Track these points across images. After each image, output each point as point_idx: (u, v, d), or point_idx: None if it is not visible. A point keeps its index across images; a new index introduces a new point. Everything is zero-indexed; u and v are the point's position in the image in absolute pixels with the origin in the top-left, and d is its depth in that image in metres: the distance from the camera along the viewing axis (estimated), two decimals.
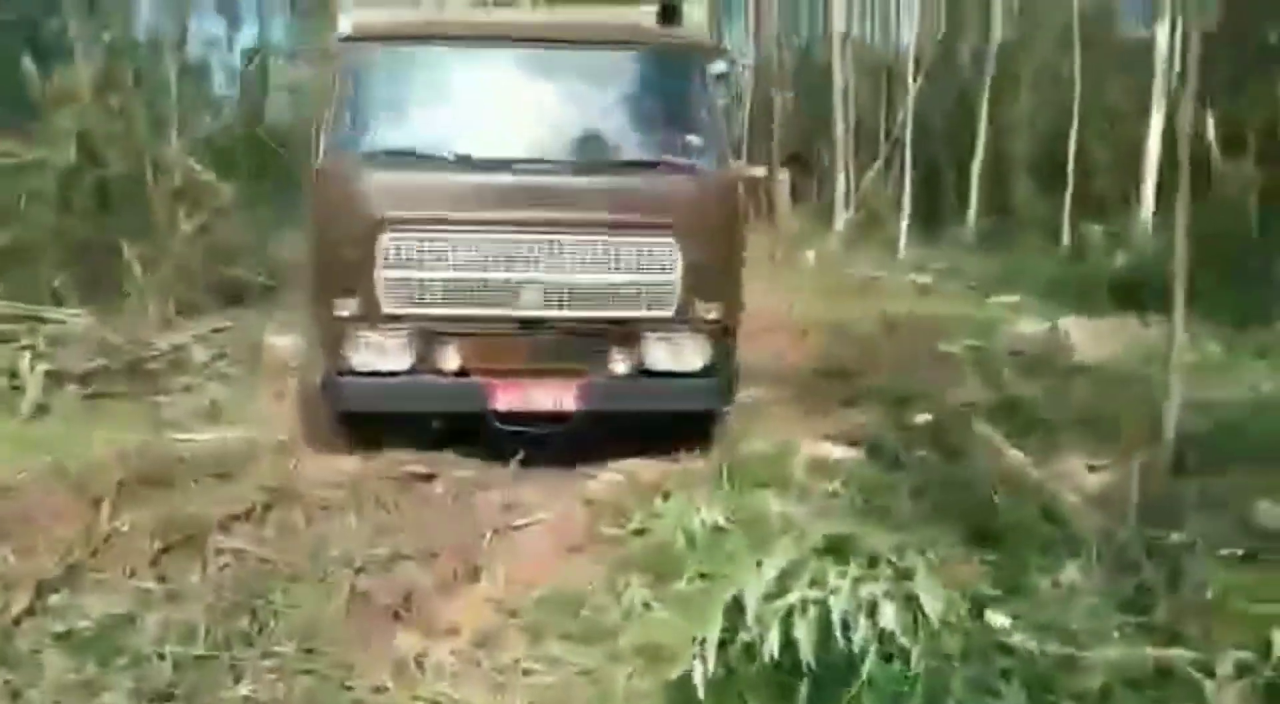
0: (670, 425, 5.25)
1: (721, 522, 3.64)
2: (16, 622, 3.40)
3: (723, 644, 2.23)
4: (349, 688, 3.05)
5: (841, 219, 23.36)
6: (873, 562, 2.37)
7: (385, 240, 4.80)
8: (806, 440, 5.67)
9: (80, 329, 8.64)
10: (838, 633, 2.13)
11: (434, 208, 4.87)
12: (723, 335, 5.17)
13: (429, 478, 4.84)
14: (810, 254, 20.51)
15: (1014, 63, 20.26)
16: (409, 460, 4.92)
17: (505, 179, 4.92)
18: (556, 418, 5.06)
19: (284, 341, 8.93)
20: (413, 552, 3.94)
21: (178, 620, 3.40)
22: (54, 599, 3.58)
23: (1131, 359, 8.11)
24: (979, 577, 2.86)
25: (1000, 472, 4.94)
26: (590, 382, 5.02)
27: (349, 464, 4.90)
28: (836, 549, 2.41)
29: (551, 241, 4.86)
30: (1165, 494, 3.98)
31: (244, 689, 3.02)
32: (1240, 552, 3.51)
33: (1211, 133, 15.71)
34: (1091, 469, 5.18)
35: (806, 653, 2.13)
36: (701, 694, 2.19)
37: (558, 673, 3.04)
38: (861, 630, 2.16)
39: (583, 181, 5.00)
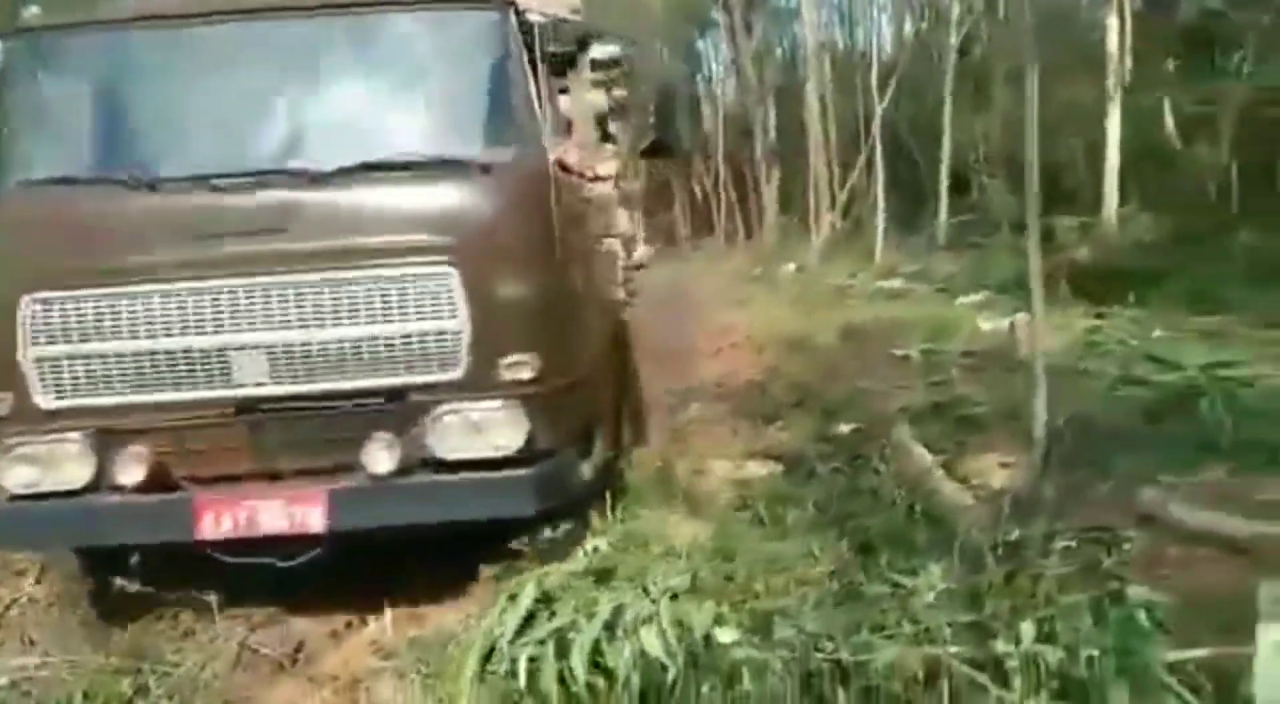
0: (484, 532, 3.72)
1: (605, 547, 3.63)
2: None
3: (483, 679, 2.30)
4: None
5: (823, 227, 23.56)
6: (643, 588, 2.42)
7: (29, 306, 3.49)
8: (727, 459, 5.75)
9: None
10: (577, 662, 2.17)
11: (97, 253, 3.54)
12: (554, 402, 3.68)
13: None
14: (790, 266, 20.67)
15: (978, 63, 20.45)
16: None
17: (203, 202, 3.52)
18: (303, 541, 3.56)
19: None
20: None
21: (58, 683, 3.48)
22: None
23: (1076, 352, 8.15)
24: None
25: (905, 476, 4.99)
26: (347, 487, 3.57)
27: None
28: (604, 576, 2.46)
29: (273, 286, 3.49)
30: (1040, 488, 4.01)
31: None
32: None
33: (1169, 120, 15.81)
34: (1003, 466, 5.23)
35: (547, 682, 2.19)
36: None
37: None
38: (626, 652, 2.23)
39: (318, 197, 3.53)
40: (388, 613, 3.88)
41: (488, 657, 2.30)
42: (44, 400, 3.54)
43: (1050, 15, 19.31)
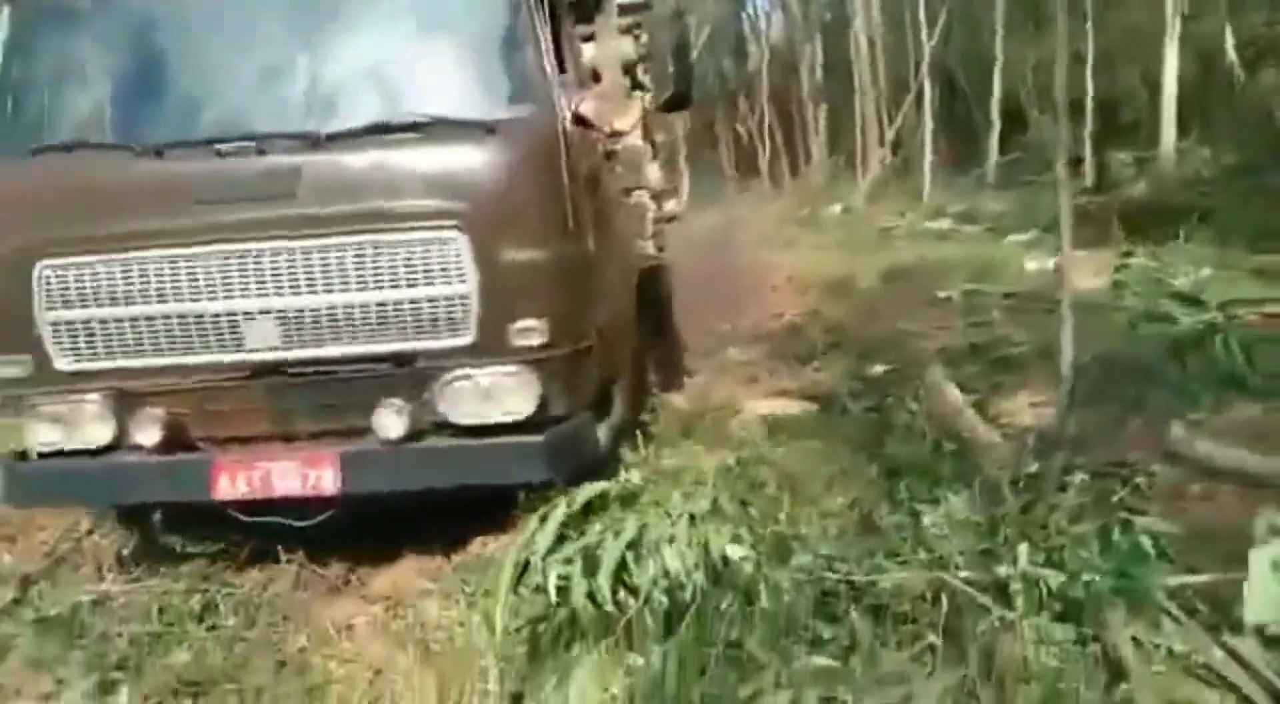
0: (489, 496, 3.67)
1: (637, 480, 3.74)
2: (2, 612, 3.83)
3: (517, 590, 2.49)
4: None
5: (870, 167, 23.21)
6: (665, 511, 2.56)
7: (44, 272, 3.55)
8: (760, 398, 5.88)
9: None
10: (603, 579, 2.34)
11: (108, 219, 3.56)
12: (566, 367, 3.66)
13: None
14: (836, 208, 20.49)
15: None
16: None
17: (210, 167, 3.52)
18: (317, 503, 3.64)
19: None
20: None
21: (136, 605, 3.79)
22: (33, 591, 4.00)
23: (1117, 291, 8.08)
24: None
25: (936, 414, 5.08)
26: (359, 450, 3.61)
27: None
28: (630, 499, 2.62)
29: (282, 252, 3.48)
30: (1064, 425, 4.08)
31: (184, 655, 3.38)
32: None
33: (1231, 49, 15.18)
34: (1034, 405, 5.29)
35: (576, 596, 2.37)
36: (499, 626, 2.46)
37: None
38: (650, 570, 2.40)
39: (323, 161, 3.50)
40: (434, 542, 4.11)
41: (522, 573, 2.48)
42: (62, 363, 3.62)
43: None
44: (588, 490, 2.90)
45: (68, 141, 3.69)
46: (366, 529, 3.90)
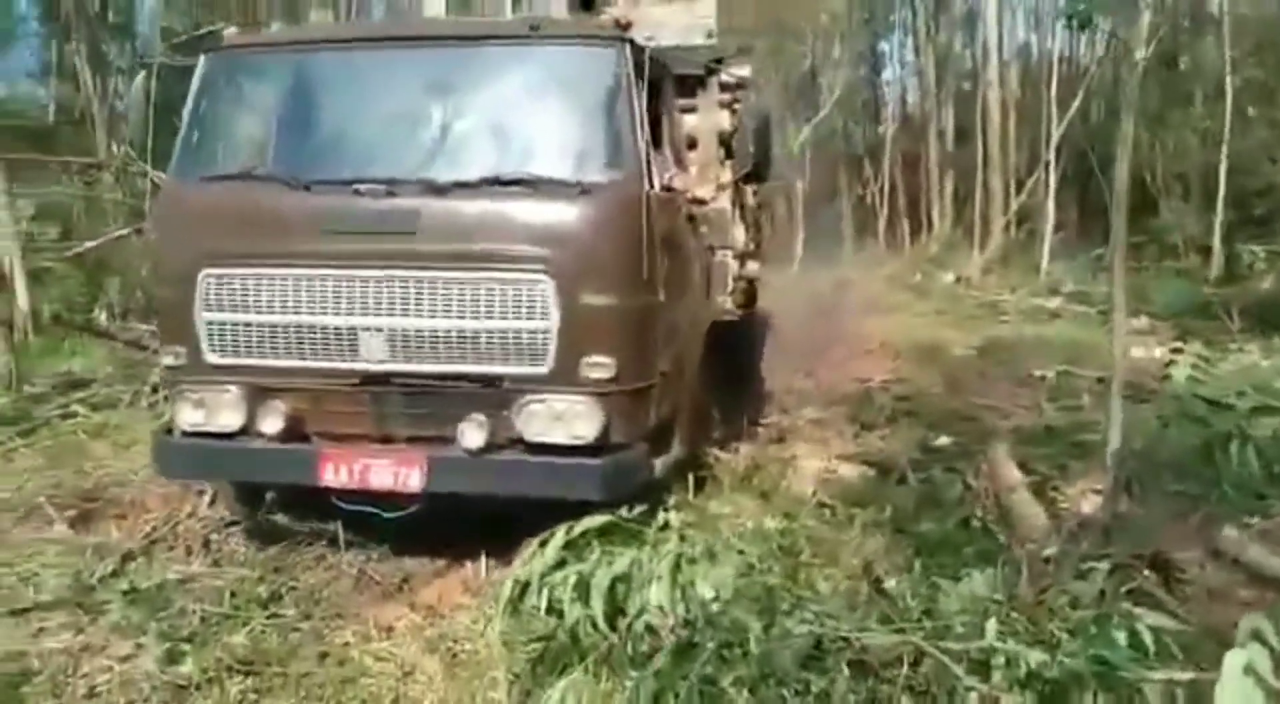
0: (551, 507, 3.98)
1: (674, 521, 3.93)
2: (101, 581, 4.31)
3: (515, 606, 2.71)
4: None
5: (991, 239, 22.80)
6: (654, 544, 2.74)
7: (205, 278, 4.20)
8: (821, 459, 5.98)
9: None
10: (595, 603, 2.54)
11: (260, 240, 4.20)
12: (629, 401, 4.14)
13: None
14: (949, 277, 20.20)
15: (1175, 77, 19.25)
16: None
17: (347, 204, 4.10)
18: (403, 497, 4.15)
19: None
20: None
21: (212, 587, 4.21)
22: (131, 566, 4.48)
23: (1223, 389, 7.81)
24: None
25: (991, 490, 5.10)
26: (443, 456, 4.10)
27: None
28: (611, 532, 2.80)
29: (397, 279, 4.05)
30: (1111, 515, 4.08)
31: (242, 637, 3.75)
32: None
33: None
34: (1096, 493, 5.23)
35: (568, 614, 2.57)
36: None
37: None
38: (637, 602, 2.58)
39: (440, 206, 4.08)
40: (482, 558, 4.40)
41: (523, 592, 2.72)
42: (211, 356, 4.25)
43: (1267, 31, 18.01)
44: (586, 522, 3.12)
45: (234, 172, 4.44)
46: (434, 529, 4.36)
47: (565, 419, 4.02)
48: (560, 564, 2.67)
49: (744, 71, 5.98)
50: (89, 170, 13.28)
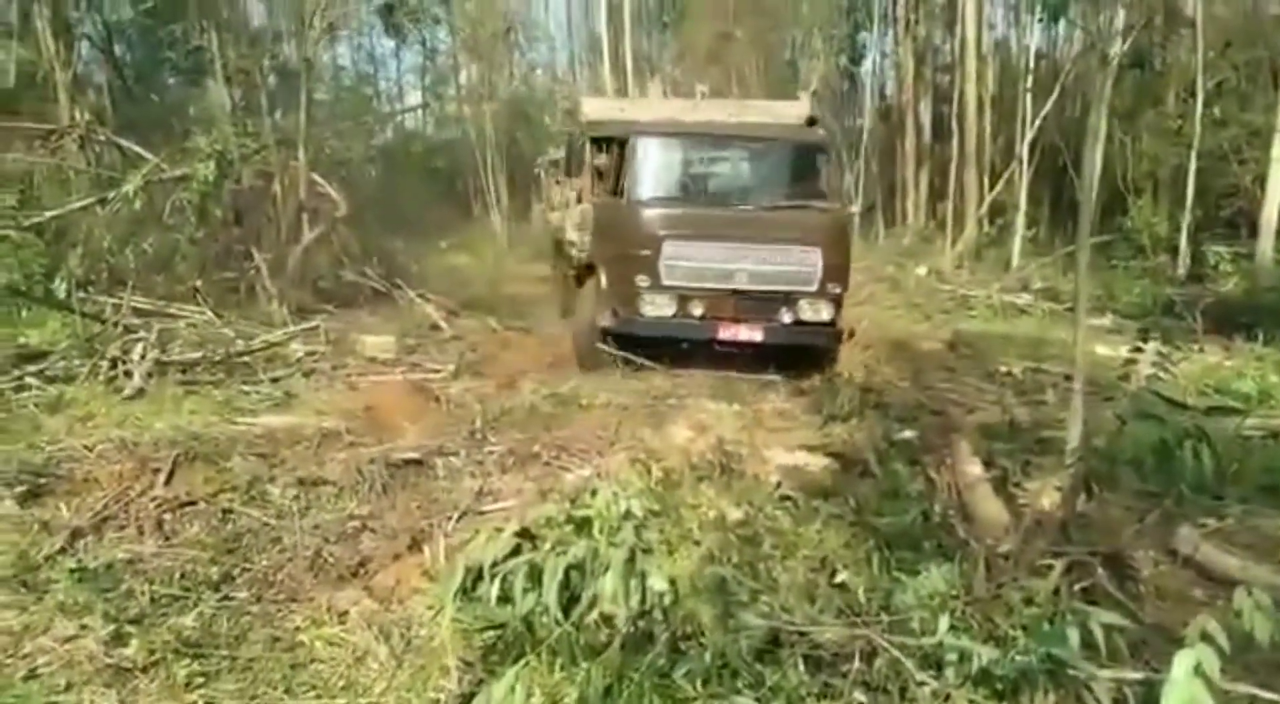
0: (809, 351, 8.92)
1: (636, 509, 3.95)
2: (47, 559, 4.20)
3: (466, 593, 2.69)
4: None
5: (964, 233, 22.91)
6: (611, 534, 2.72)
7: (666, 245, 8.52)
8: (786, 448, 5.98)
9: (199, 325, 9.91)
10: (549, 593, 2.52)
11: (690, 227, 8.63)
12: (839, 302, 8.84)
13: None
14: (921, 270, 20.29)
15: (1147, 78, 19.38)
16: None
17: (727, 213, 8.92)
18: (750, 344, 8.73)
19: (375, 340, 9.91)
20: None
21: (163, 567, 4.12)
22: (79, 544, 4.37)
23: (1183, 389, 7.89)
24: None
25: (953, 484, 5.12)
26: (770, 325, 8.64)
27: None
28: (583, 524, 2.79)
29: (751, 247, 8.59)
30: (1069, 512, 4.09)
31: (191, 619, 3.68)
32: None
33: None
34: (1057, 489, 5.26)
35: (520, 603, 2.55)
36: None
37: None
38: (591, 591, 2.55)
39: (767, 215, 8.87)
40: (441, 542, 4.36)
41: (476, 580, 2.69)
42: (665, 280, 8.52)
43: (1238, 35, 18.18)
44: (540, 510, 3.10)
45: (659, 198, 9.04)
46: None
47: (819, 310, 8.68)
48: (514, 552, 2.65)
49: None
50: (50, 136, 12.95)
